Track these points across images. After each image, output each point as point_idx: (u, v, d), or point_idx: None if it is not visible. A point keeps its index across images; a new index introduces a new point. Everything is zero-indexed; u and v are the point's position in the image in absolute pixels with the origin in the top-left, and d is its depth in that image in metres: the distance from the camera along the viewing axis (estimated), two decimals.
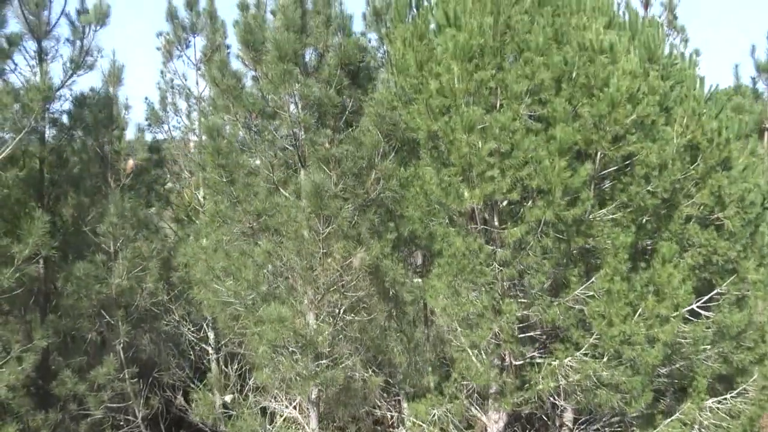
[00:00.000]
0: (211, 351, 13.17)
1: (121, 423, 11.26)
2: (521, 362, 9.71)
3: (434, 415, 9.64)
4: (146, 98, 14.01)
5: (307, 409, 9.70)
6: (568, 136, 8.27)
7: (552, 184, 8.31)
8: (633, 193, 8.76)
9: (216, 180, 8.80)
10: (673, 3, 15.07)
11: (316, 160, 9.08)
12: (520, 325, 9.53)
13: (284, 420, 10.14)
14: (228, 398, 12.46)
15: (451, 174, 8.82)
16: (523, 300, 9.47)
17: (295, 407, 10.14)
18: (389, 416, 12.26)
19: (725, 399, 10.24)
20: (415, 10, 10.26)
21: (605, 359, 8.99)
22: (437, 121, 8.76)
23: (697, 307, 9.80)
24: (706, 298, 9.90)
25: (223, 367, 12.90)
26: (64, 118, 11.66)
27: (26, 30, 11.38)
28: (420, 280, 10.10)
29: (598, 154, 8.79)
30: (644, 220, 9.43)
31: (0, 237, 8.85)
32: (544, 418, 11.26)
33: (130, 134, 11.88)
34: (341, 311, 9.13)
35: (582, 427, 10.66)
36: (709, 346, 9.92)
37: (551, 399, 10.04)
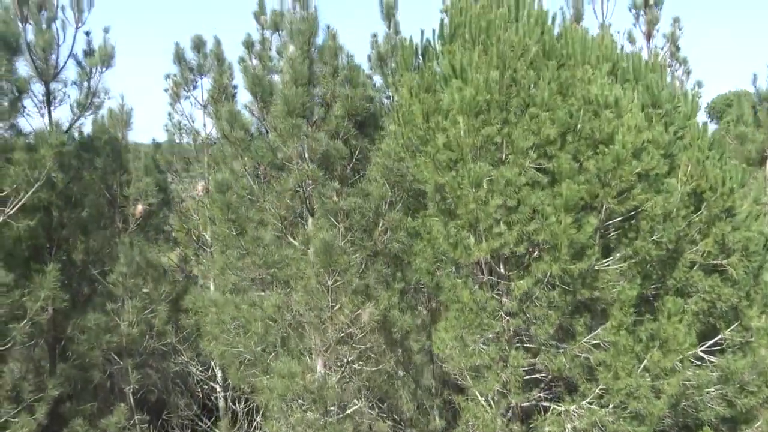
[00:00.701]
0: (218, 388, 13.27)
1: None
2: (527, 404, 9.81)
3: None
4: (153, 139, 14.17)
5: None
6: (574, 193, 8.37)
7: (558, 239, 8.42)
8: (638, 247, 8.85)
9: (226, 233, 8.90)
10: (675, 35, 15.18)
11: (324, 212, 9.17)
12: (527, 368, 9.63)
13: None
14: None
15: (458, 225, 8.93)
16: (529, 345, 9.58)
17: None
18: None
19: None
20: (420, 58, 10.36)
21: (611, 407, 9.09)
22: (444, 175, 8.88)
23: (702, 351, 9.90)
24: (710, 342, 10.00)
25: (231, 404, 13.00)
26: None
27: (34, 73, 11.50)
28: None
29: (604, 206, 8.90)
30: (649, 268, 9.52)
31: (11, 289, 8.94)
32: None
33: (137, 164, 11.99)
34: (349, 361, 9.23)
35: None
36: (713, 390, 10.01)
37: None
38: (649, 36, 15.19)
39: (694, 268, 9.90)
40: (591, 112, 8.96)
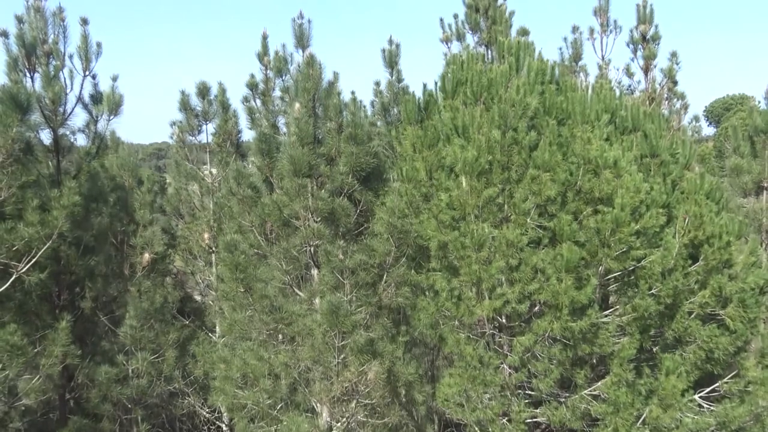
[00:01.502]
0: (225, 428, 13.47)
1: None
2: None
3: None
4: (160, 182, 14.32)
5: None
6: (575, 255, 8.59)
7: (559, 300, 8.64)
8: (637, 305, 9.07)
9: (234, 292, 9.11)
10: (672, 70, 15.38)
11: (330, 269, 9.38)
12: (530, 419, 9.84)
13: None
14: None
15: (461, 282, 9.15)
16: (531, 392, 9.78)
17: None
18: None
19: None
20: (423, 111, 10.54)
21: None
22: (448, 234, 9.09)
23: (700, 397, 10.11)
24: (708, 390, 10.21)
25: None
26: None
27: (42, 121, 11.69)
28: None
29: (603, 264, 9.11)
30: (647, 321, 9.72)
31: (23, 346, 9.11)
32: None
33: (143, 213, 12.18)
34: (355, 413, 9.44)
35: None
36: None
37: None
38: (647, 70, 15.41)
39: (692, 316, 10.11)
40: (591, 171, 9.18)
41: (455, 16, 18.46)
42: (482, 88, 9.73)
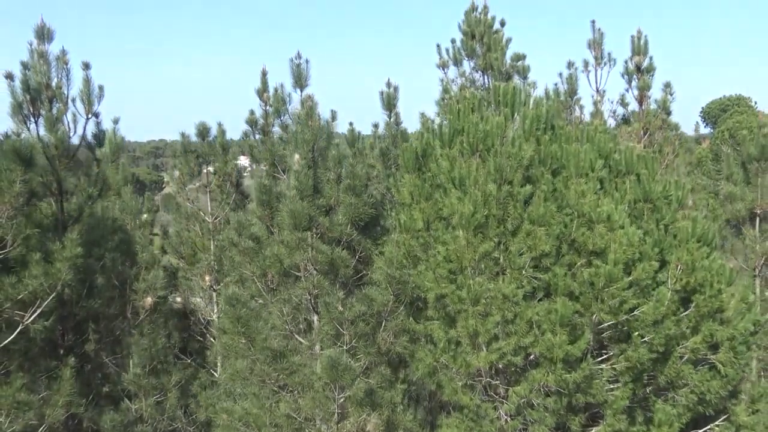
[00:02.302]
0: None
1: None
2: None
3: None
4: (162, 227, 14.52)
5: None
6: (569, 310, 8.80)
7: (554, 354, 8.85)
8: (630, 356, 9.28)
9: (236, 343, 9.30)
10: (667, 101, 15.60)
11: (330, 319, 9.57)
12: None
13: None
14: None
15: (459, 332, 9.35)
16: None
17: None
18: None
19: None
20: (421, 159, 10.73)
21: None
22: (445, 287, 9.29)
23: None
24: None
25: None
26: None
27: (45, 163, 11.85)
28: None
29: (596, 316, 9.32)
30: (641, 369, 9.94)
31: (30, 401, 9.24)
32: None
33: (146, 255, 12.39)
34: None
35: None
36: None
37: None
38: (641, 101, 15.62)
39: (684, 359, 10.33)
40: (584, 225, 9.38)
41: (452, 41, 18.68)
42: (478, 139, 9.92)
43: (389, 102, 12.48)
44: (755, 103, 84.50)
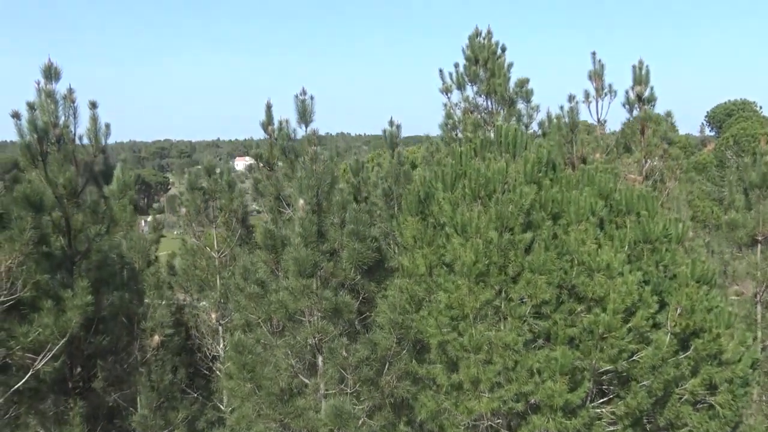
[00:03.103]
0: None
1: None
2: None
3: None
4: (169, 262, 14.74)
5: None
6: (568, 359, 8.95)
7: (554, 401, 9.00)
8: (629, 402, 9.43)
9: (242, 388, 9.48)
10: (668, 133, 15.71)
11: (334, 364, 9.74)
12: None
13: None
14: None
15: (461, 377, 9.51)
16: None
17: None
18: None
19: None
20: (424, 202, 10.88)
21: None
22: (447, 334, 9.45)
23: None
24: None
25: None
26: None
27: (55, 203, 12.03)
28: None
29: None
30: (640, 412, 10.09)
31: None
32: None
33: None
34: None
35: None
36: None
37: None
38: (643, 131, 15.75)
39: (682, 399, 10.48)
40: (584, 273, 9.52)
41: (456, 65, 18.84)
42: (480, 186, 10.07)
43: (392, 141, 12.66)
44: (760, 108, 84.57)
